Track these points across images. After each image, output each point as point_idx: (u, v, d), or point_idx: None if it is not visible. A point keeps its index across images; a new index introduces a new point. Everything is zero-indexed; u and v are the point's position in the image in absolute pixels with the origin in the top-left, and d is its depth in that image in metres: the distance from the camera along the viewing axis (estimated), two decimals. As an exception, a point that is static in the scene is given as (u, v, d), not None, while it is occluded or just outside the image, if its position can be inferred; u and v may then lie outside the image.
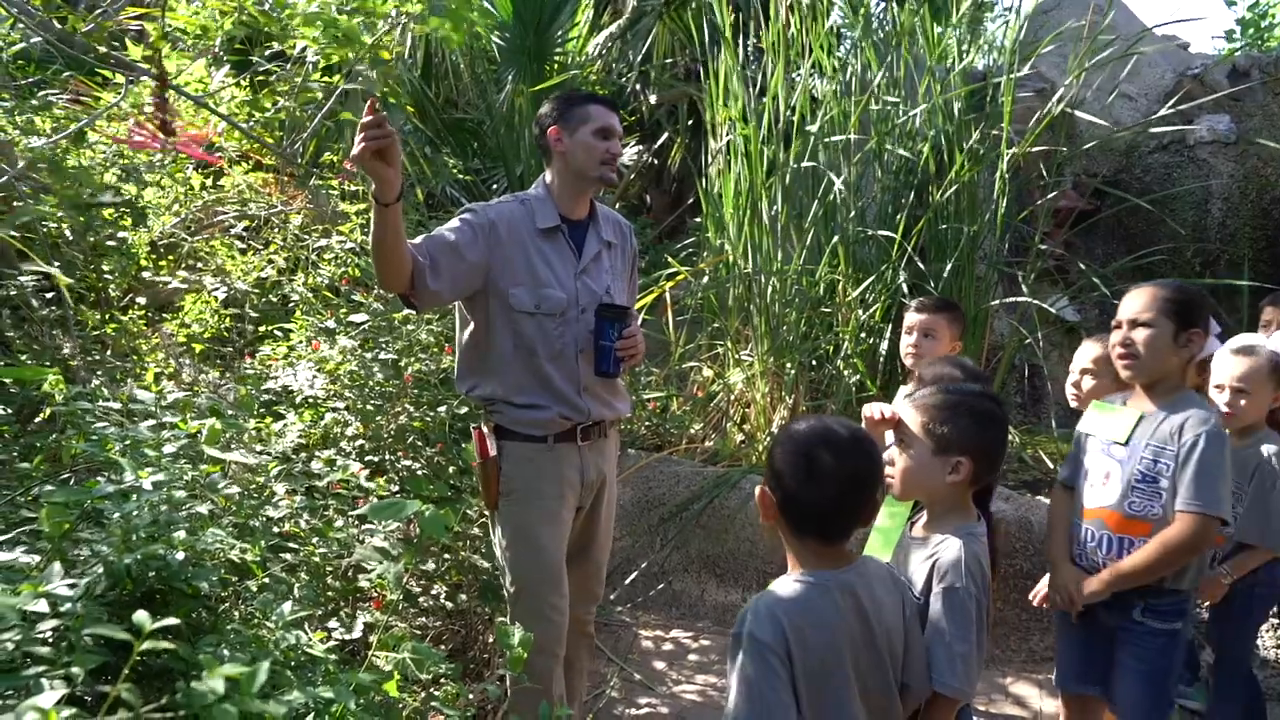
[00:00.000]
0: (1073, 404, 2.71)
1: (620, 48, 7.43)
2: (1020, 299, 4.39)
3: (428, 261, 2.29)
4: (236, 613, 1.79)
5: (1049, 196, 4.74)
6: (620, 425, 2.74)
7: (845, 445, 1.63)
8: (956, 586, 1.76)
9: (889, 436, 2.08)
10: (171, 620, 1.03)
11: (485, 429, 2.51)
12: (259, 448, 2.63)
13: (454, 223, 2.45)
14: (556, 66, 7.15)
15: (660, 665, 3.57)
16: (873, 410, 2.14)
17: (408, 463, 3.64)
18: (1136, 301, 2.29)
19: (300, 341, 3.89)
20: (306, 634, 1.45)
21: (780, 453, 1.66)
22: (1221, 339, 3.09)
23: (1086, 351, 2.66)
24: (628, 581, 4.00)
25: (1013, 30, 4.50)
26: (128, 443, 1.62)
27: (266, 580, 1.80)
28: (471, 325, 2.50)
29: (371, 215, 2.17)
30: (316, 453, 3.09)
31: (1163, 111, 5.16)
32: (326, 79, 4.33)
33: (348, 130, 5.05)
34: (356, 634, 2.49)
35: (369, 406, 3.71)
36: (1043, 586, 2.50)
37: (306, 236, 4.57)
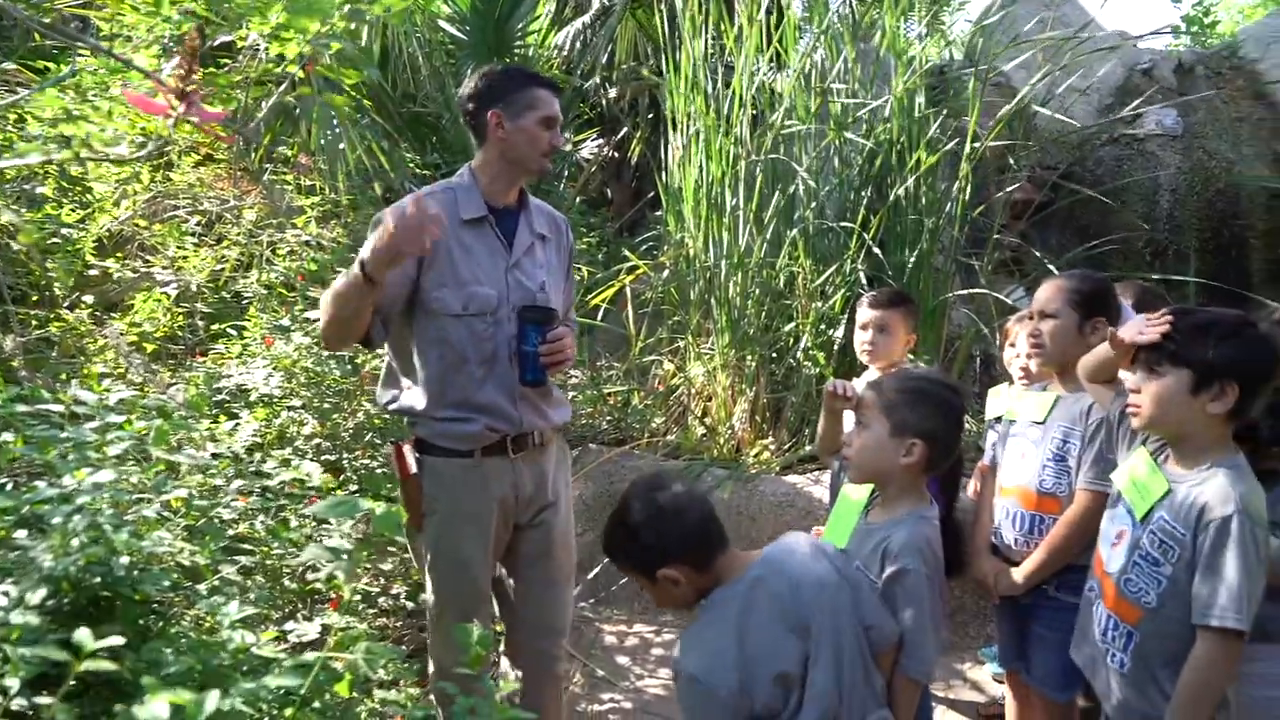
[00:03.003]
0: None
1: (585, 42, 7.39)
2: (977, 290, 4.44)
3: (380, 315, 2.17)
4: (187, 617, 1.76)
5: (1007, 190, 4.81)
6: (562, 433, 2.55)
7: (676, 483, 1.81)
8: (909, 568, 1.81)
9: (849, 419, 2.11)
10: (114, 640, 1.00)
11: (406, 444, 2.30)
12: (211, 448, 2.58)
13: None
14: (517, 60, 7.09)
15: (623, 660, 3.56)
16: (835, 385, 2.16)
17: (365, 461, 3.60)
18: (1044, 293, 2.38)
19: (254, 339, 3.83)
20: (256, 636, 1.42)
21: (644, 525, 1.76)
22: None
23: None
24: (590, 577, 3.99)
25: (975, 27, 4.55)
26: (69, 445, 1.58)
27: (217, 583, 1.76)
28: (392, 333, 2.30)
29: (348, 279, 2.06)
30: (272, 452, 3.05)
31: (1125, 112, 5.27)
32: (279, 69, 4.25)
33: (302, 123, 4.99)
34: (313, 635, 2.46)
35: (326, 405, 3.66)
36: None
37: (261, 232, 4.50)
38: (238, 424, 2.82)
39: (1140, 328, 1.86)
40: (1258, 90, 6.23)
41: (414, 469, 2.25)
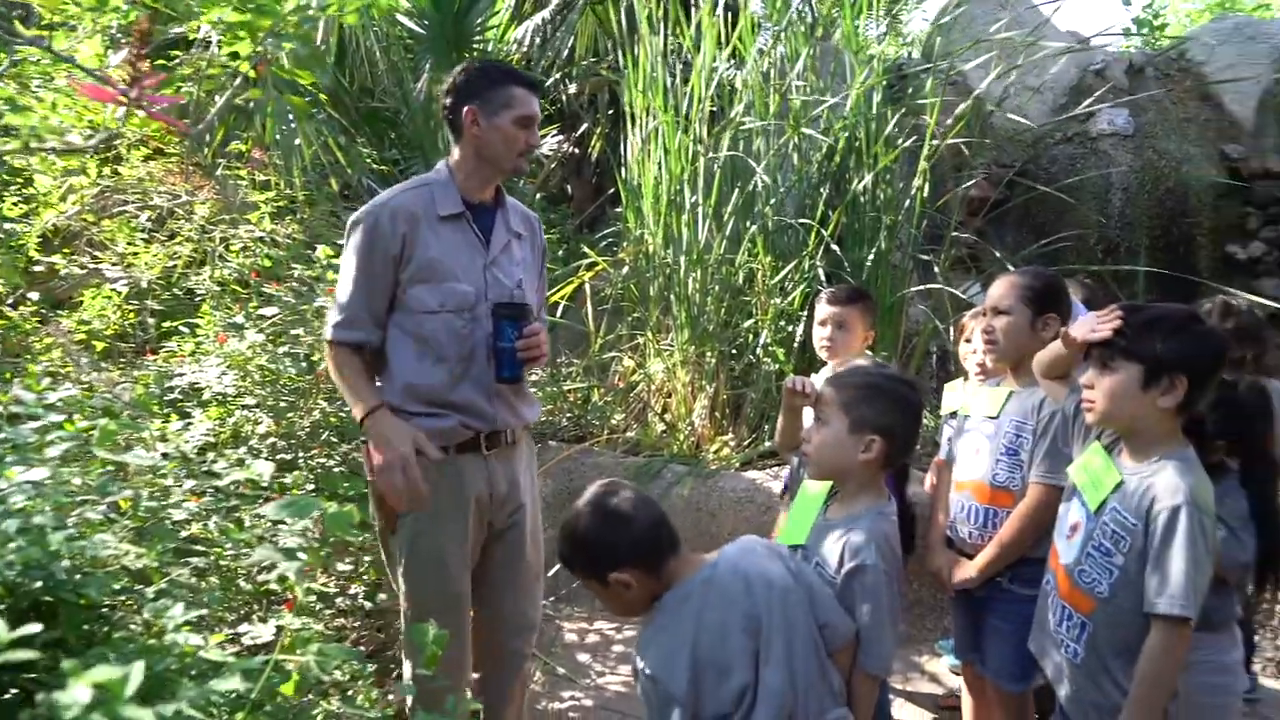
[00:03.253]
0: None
1: (544, 37, 7.35)
2: (934, 286, 4.49)
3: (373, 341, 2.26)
4: (136, 622, 1.72)
5: (964, 188, 4.87)
6: (530, 431, 2.56)
7: (626, 489, 1.84)
8: (867, 564, 1.82)
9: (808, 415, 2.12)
10: (31, 628, 0.97)
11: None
12: (161, 448, 2.52)
13: (352, 256, 2.23)
14: (476, 55, 7.03)
15: (584, 658, 3.55)
16: (793, 382, 2.18)
17: (322, 460, 3.55)
18: (997, 290, 2.42)
19: (207, 336, 3.76)
20: (204, 639, 1.39)
21: (592, 530, 1.78)
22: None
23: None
24: (550, 574, 3.96)
25: (933, 27, 4.60)
26: (7, 446, 1.53)
27: (165, 586, 1.72)
28: None
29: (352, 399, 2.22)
30: (225, 451, 2.99)
31: (1078, 111, 5.36)
32: (232, 64, 4.17)
33: (256, 117, 4.90)
34: (268, 637, 2.42)
35: (281, 403, 3.61)
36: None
37: (214, 227, 4.41)
38: (189, 423, 2.76)
39: (1092, 325, 1.88)
40: (1204, 91, 6.37)
41: (437, 456, 2.22)
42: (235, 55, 2.43)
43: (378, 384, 2.31)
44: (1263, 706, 3.34)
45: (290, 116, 4.62)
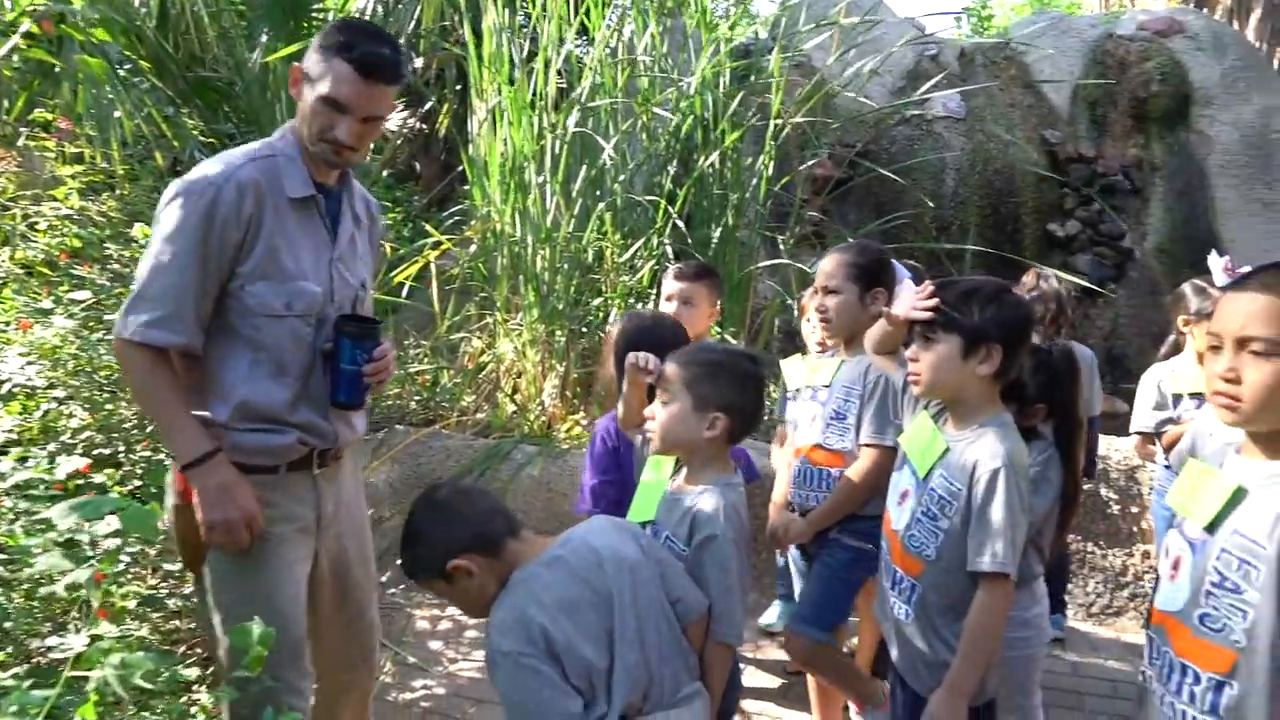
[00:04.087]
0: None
1: (388, 7, 7.07)
2: (781, 262, 4.60)
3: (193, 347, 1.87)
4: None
5: (808, 165, 4.99)
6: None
7: (453, 484, 1.88)
8: (715, 535, 1.84)
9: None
10: None
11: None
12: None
13: (176, 234, 1.80)
14: (315, 24, 6.69)
15: (436, 646, 3.47)
16: (636, 358, 2.16)
17: (147, 453, 3.32)
18: (826, 268, 2.51)
19: (9, 323, 3.45)
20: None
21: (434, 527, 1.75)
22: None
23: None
24: (400, 562, 3.86)
25: (780, 8, 4.67)
26: None
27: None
28: None
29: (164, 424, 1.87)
30: (33, 449, 2.75)
31: (915, 95, 5.59)
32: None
33: (65, 83, 4.51)
34: (79, 648, 2.23)
35: (97, 394, 3.36)
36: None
37: (14, 204, 4.04)
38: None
39: (912, 303, 1.96)
40: (1026, 80, 6.77)
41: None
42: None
43: (196, 390, 1.94)
44: (1070, 646, 3.62)
45: (110, 85, 4.28)
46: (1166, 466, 3.23)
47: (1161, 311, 4.81)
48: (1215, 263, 3.30)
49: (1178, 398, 3.22)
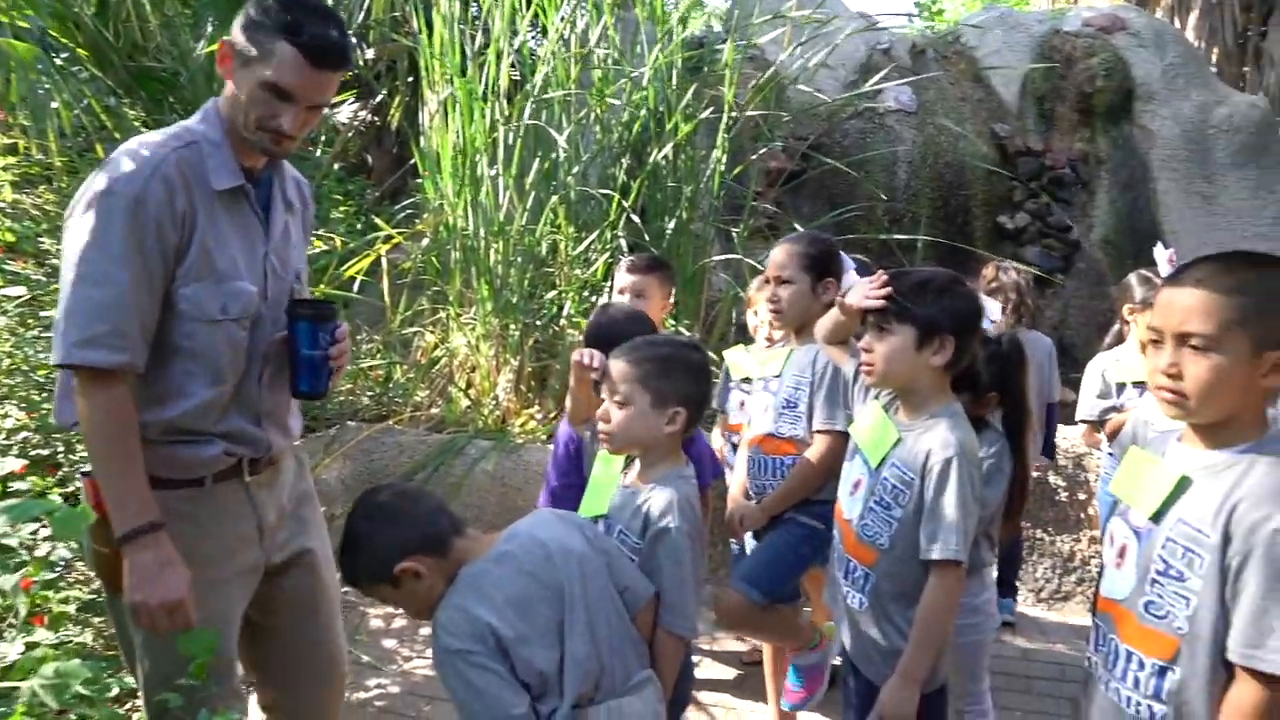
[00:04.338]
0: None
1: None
2: (735, 256, 4.60)
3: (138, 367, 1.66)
4: None
5: (759, 154, 5.00)
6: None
7: (391, 487, 1.80)
8: (670, 528, 1.83)
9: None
10: None
11: None
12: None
13: (105, 241, 1.59)
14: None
15: (390, 644, 3.44)
16: (583, 355, 2.14)
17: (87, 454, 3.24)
18: (778, 259, 2.53)
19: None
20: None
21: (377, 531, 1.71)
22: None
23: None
24: (341, 569, 3.81)
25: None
26: None
27: None
28: None
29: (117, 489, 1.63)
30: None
31: (866, 87, 5.63)
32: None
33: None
34: (14, 655, 2.16)
35: (34, 394, 3.26)
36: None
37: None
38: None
39: (865, 292, 1.97)
40: (976, 74, 6.86)
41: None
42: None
43: None
44: (1020, 631, 3.69)
45: (50, 74, 4.15)
46: (1111, 454, 3.30)
47: (1108, 302, 4.90)
48: (1160, 254, 3.37)
49: (1121, 386, 3.29)
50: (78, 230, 1.61)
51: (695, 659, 3.28)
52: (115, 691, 1.81)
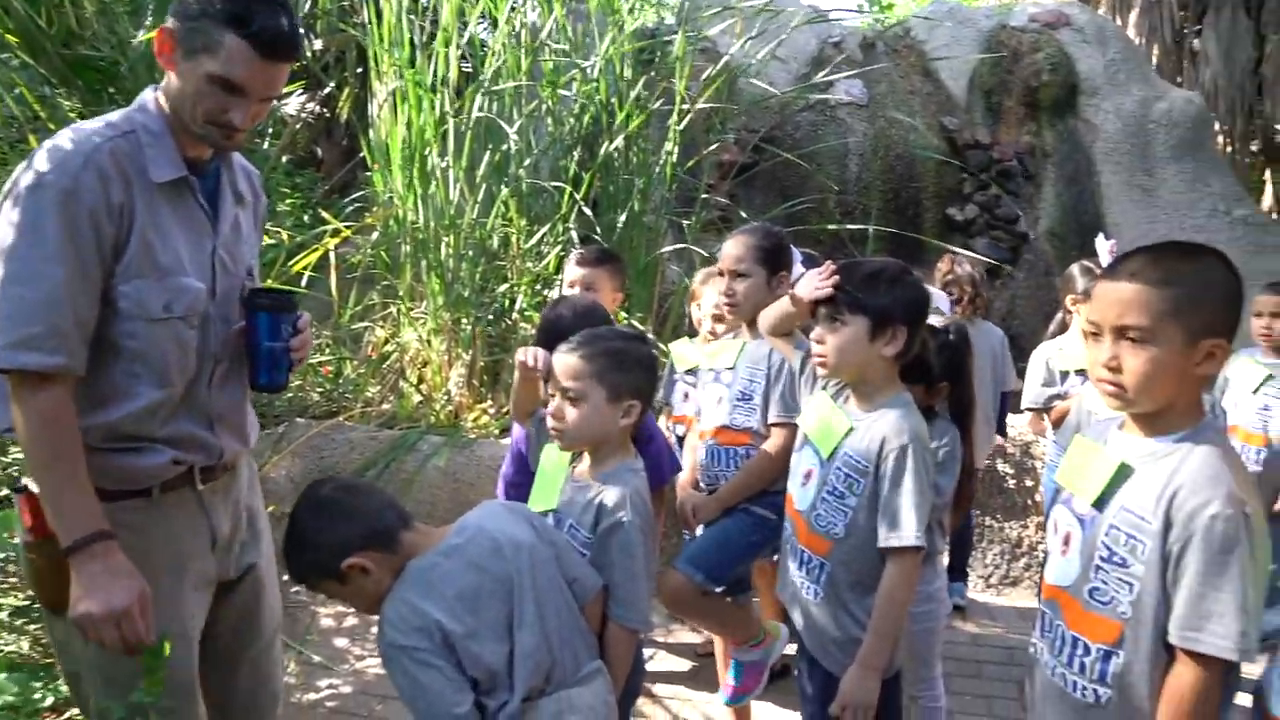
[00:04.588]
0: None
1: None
2: (687, 247, 4.61)
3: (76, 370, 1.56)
4: None
5: (712, 148, 5.01)
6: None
7: (335, 480, 1.80)
8: (623, 521, 1.83)
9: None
10: None
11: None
12: None
13: (36, 236, 1.50)
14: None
15: (342, 643, 3.39)
16: (526, 355, 2.13)
17: (20, 455, 3.15)
18: (734, 252, 2.52)
19: None
20: None
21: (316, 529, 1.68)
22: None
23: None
24: (288, 568, 3.75)
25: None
26: None
27: None
28: None
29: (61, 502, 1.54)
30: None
31: (818, 79, 5.66)
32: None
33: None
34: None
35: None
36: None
37: None
38: None
39: (815, 284, 1.97)
40: (926, 68, 6.94)
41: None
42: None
43: None
44: (970, 616, 3.75)
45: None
46: (1056, 442, 3.37)
47: (1054, 292, 4.99)
48: (1102, 246, 3.44)
49: (1065, 374, 3.36)
50: (5, 227, 1.53)
51: (649, 651, 3.29)
52: (50, 701, 1.75)
